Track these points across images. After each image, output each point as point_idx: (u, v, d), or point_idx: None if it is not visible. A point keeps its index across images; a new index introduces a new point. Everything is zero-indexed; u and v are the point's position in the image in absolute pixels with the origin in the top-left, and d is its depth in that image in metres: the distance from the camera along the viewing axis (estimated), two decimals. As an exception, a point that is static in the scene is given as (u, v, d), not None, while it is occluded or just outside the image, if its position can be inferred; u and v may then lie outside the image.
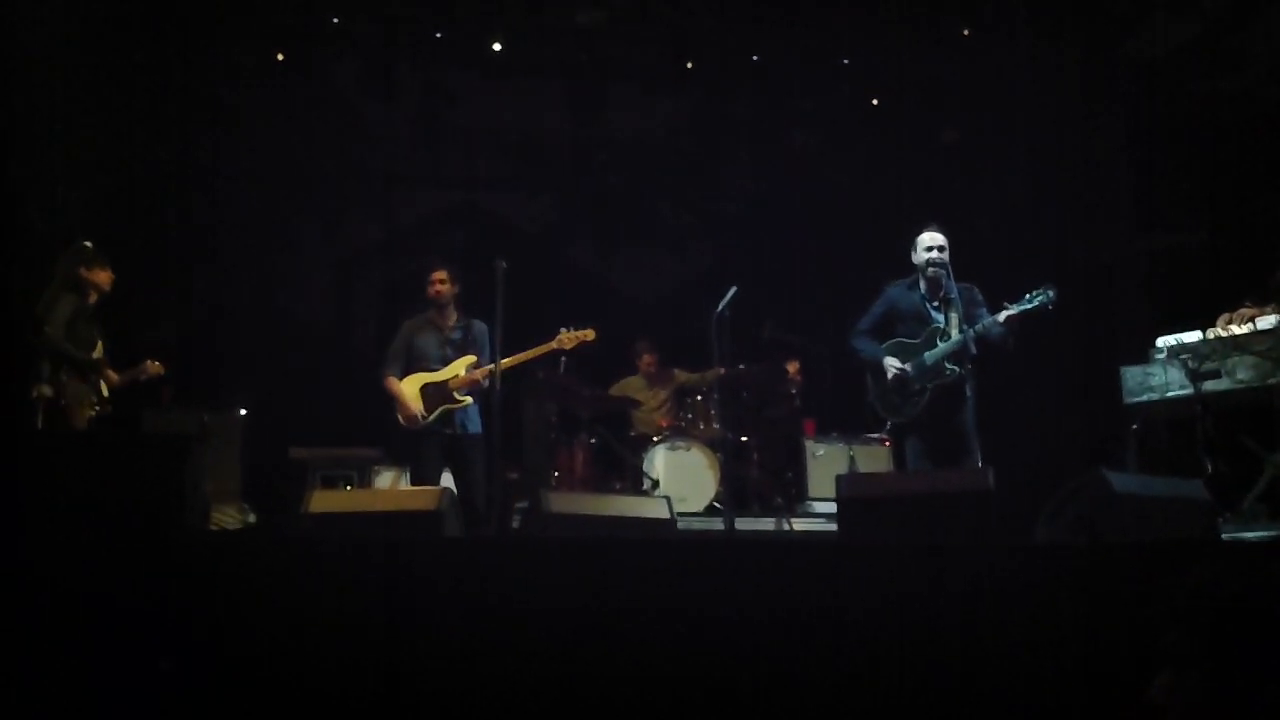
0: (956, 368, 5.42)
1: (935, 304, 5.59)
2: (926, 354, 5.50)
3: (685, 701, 3.21)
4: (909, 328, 5.60)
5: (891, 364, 5.53)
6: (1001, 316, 5.39)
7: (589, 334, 6.08)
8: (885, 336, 5.67)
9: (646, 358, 8.06)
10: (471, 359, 5.92)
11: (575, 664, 3.22)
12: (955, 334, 5.44)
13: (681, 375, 8.13)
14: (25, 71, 6.10)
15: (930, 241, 5.57)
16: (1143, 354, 5.98)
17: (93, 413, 5.47)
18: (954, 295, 5.48)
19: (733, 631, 3.28)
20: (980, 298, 5.61)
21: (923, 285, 5.62)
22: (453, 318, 6.04)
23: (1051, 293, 5.30)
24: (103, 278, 5.63)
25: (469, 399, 5.87)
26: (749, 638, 3.27)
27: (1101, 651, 3.25)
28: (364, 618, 3.22)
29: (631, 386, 8.16)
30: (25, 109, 6.09)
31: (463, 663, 3.20)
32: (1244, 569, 1.95)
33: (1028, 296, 5.35)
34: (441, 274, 6.00)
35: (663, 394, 8.12)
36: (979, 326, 5.40)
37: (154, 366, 6.02)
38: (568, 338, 6.02)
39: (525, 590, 3.31)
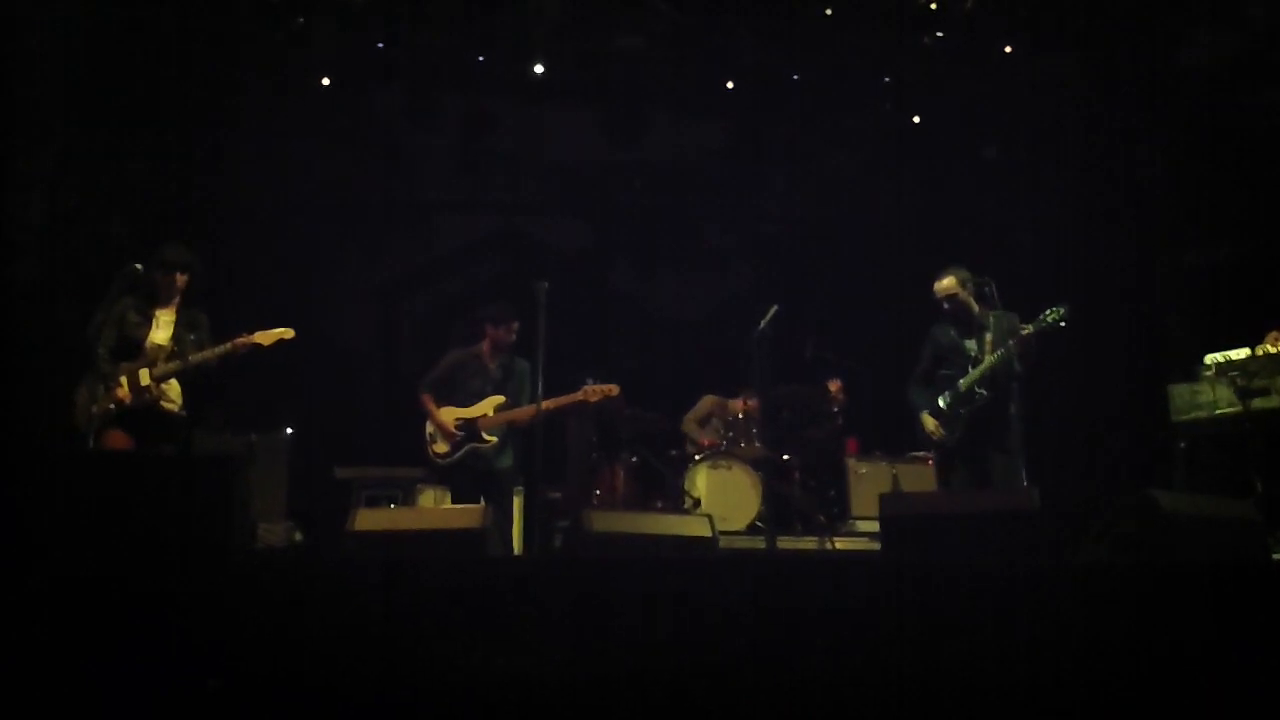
0: (985, 391, 5.51)
1: (966, 333, 5.73)
2: (960, 380, 5.64)
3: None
4: (949, 361, 5.77)
5: (929, 424, 5.70)
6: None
7: (613, 389, 6.06)
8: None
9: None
10: (500, 399, 5.96)
11: (618, 682, 3.22)
12: (986, 359, 5.54)
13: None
14: (60, 106, 6.25)
15: (939, 291, 5.75)
16: (1190, 372, 5.91)
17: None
18: (983, 321, 5.62)
19: (775, 650, 3.26)
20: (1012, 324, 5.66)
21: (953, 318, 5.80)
22: (498, 357, 6.09)
23: (1063, 309, 5.34)
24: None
25: (495, 439, 5.91)
26: (791, 656, 3.26)
27: (1149, 674, 3.20)
28: (408, 635, 3.25)
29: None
30: (63, 144, 6.24)
31: (505, 679, 3.21)
32: None
33: (1039, 317, 5.41)
34: (516, 324, 6.05)
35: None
36: (1004, 350, 5.47)
37: (245, 340, 5.32)
38: (593, 391, 6.00)
39: (567, 608, 3.32)
